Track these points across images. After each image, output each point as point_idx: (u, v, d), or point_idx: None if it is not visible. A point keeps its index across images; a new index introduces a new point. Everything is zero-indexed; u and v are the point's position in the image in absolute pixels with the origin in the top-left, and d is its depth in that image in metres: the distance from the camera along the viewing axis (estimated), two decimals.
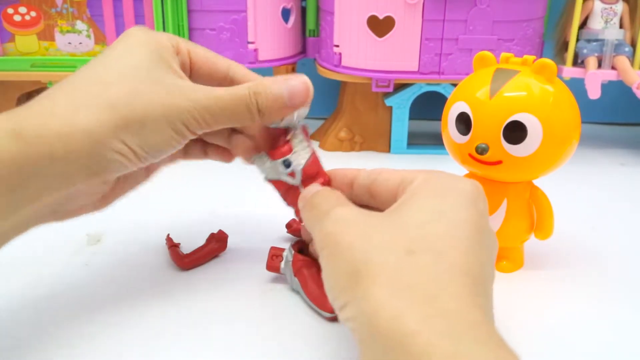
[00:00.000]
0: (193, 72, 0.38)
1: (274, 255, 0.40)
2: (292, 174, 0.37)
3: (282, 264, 0.39)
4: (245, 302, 0.39)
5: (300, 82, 0.36)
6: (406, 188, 0.32)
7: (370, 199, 0.35)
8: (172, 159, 0.42)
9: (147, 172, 0.40)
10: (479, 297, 0.27)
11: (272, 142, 0.39)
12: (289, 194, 0.38)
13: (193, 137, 0.35)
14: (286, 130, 0.37)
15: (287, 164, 0.37)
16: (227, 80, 0.38)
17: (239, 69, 0.39)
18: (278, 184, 0.37)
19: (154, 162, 0.35)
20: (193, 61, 0.38)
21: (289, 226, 0.47)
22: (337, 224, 0.30)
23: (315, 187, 0.35)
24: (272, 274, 0.41)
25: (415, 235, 0.28)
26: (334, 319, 0.36)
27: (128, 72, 0.34)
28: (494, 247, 0.31)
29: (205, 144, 0.42)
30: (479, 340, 0.25)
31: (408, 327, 0.25)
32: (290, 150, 0.37)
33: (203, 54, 0.38)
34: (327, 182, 0.37)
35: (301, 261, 0.39)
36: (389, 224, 0.29)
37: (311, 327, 0.36)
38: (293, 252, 0.39)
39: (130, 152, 0.33)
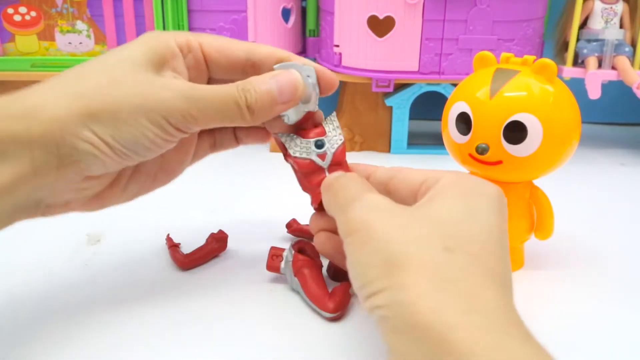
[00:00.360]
0: (210, 66, 0.37)
1: (274, 255, 0.40)
2: (322, 156, 0.37)
3: (282, 264, 0.39)
4: (246, 302, 0.39)
5: (289, 78, 0.35)
6: (431, 187, 0.32)
7: (386, 195, 0.34)
8: (199, 154, 0.40)
9: (163, 180, 0.38)
10: (509, 298, 0.28)
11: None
12: (311, 176, 0.37)
13: (181, 134, 0.33)
14: (312, 117, 0.37)
15: (320, 145, 0.37)
16: (248, 67, 0.37)
17: (259, 52, 0.36)
18: (303, 163, 0.37)
19: (141, 159, 0.34)
20: (207, 54, 0.36)
21: (289, 226, 0.47)
22: (370, 211, 0.30)
23: (338, 172, 0.35)
24: (272, 274, 0.41)
25: (451, 232, 0.28)
26: (334, 319, 0.36)
27: (110, 65, 0.33)
28: (509, 252, 0.31)
29: (236, 129, 0.41)
30: (518, 337, 0.25)
31: (449, 319, 0.25)
32: (324, 133, 0.37)
33: (217, 45, 0.36)
34: None
35: (301, 261, 0.39)
36: (423, 217, 0.29)
37: (311, 327, 0.36)
38: (293, 252, 0.39)
39: (102, 144, 0.31)
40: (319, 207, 0.37)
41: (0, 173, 0.30)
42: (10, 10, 0.60)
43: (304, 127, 0.37)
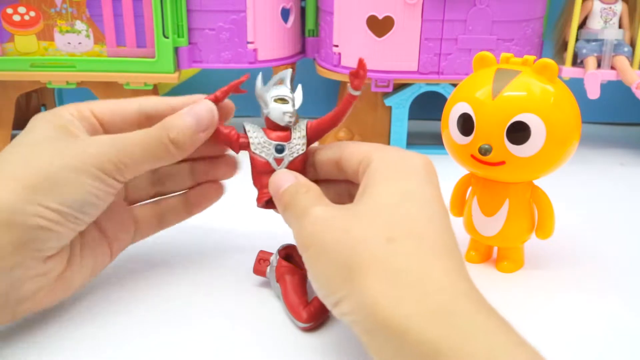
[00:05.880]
0: (105, 128, 0.38)
1: (261, 259, 0.40)
2: (279, 160, 0.36)
3: (268, 269, 0.39)
4: (246, 302, 0.39)
5: (203, 107, 0.36)
6: (365, 170, 0.33)
7: (338, 173, 0.36)
8: (147, 230, 0.42)
9: (111, 250, 0.39)
10: (459, 267, 0.29)
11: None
12: (263, 176, 0.36)
13: (118, 184, 0.35)
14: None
15: (280, 150, 0.36)
16: (142, 119, 0.38)
17: (150, 103, 0.38)
18: (260, 162, 0.36)
19: (90, 220, 0.34)
20: (100, 118, 0.37)
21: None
22: (316, 224, 0.31)
23: (286, 178, 0.34)
24: None
25: (390, 221, 0.30)
26: (307, 329, 0.36)
27: (28, 145, 0.34)
28: (448, 215, 0.32)
29: (187, 195, 0.42)
30: (469, 312, 0.26)
31: (405, 311, 0.26)
32: (288, 139, 0.36)
33: (107, 107, 0.38)
34: None
35: (284, 267, 0.38)
36: (363, 214, 0.30)
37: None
38: (278, 257, 0.39)
39: (52, 213, 0.32)
40: (264, 206, 0.37)
41: None
42: (9, 10, 0.60)
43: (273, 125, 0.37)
